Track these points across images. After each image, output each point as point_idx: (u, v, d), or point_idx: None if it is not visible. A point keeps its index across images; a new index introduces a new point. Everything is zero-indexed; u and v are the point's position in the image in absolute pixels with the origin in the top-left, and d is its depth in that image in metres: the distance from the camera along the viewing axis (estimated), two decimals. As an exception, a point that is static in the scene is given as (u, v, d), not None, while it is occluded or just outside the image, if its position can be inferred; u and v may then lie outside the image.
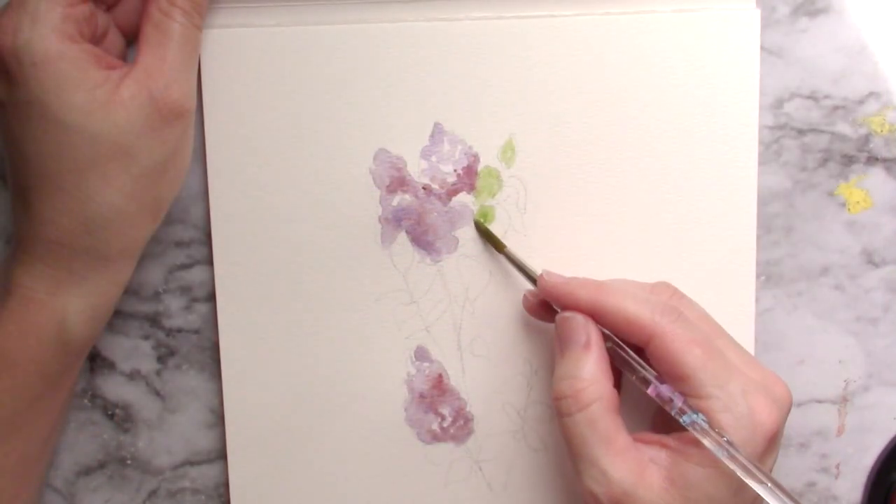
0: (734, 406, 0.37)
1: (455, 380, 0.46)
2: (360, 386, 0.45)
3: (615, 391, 0.39)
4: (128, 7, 0.41)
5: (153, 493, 0.47)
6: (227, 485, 0.46)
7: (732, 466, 0.36)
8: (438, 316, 0.45)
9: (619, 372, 0.41)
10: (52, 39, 0.36)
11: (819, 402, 0.47)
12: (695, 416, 0.37)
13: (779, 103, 0.45)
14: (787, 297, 0.46)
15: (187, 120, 0.39)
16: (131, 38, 0.41)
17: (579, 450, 0.39)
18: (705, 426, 0.37)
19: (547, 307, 0.42)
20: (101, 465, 0.47)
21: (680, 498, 0.37)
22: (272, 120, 0.44)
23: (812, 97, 0.45)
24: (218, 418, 0.46)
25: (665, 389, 0.38)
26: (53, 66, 0.36)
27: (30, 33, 0.36)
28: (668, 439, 0.39)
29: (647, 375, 0.39)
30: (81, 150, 0.37)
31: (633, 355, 0.40)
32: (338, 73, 0.43)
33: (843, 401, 0.47)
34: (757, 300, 0.45)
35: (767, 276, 0.46)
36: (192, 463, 0.47)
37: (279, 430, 0.45)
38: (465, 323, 0.45)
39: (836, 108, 0.45)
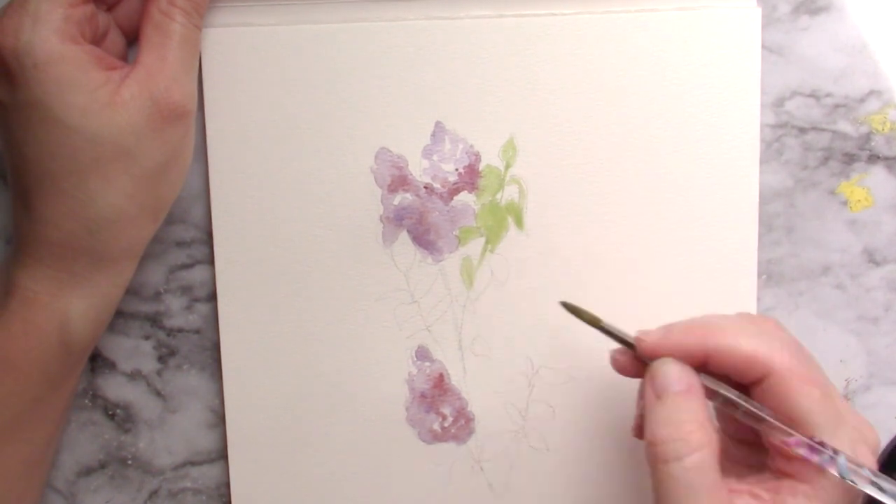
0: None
1: (456, 379, 0.45)
2: (361, 385, 0.45)
3: (718, 437, 0.37)
4: (129, 7, 0.40)
5: (154, 494, 0.47)
6: (228, 485, 0.46)
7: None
8: (439, 315, 0.45)
9: None
10: (54, 40, 0.36)
11: (820, 400, 0.47)
12: (860, 468, 0.35)
13: (780, 102, 0.45)
14: (789, 297, 0.46)
15: (188, 121, 0.39)
16: (132, 39, 0.41)
17: (683, 500, 0.35)
18: (869, 475, 0.35)
19: (641, 364, 0.39)
20: (102, 466, 0.46)
21: None
22: (273, 119, 0.44)
23: (813, 95, 0.45)
24: (219, 418, 0.46)
25: (828, 451, 0.35)
26: (54, 68, 0.36)
27: (31, 34, 0.36)
28: (758, 489, 0.37)
29: (803, 438, 0.36)
30: (82, 151, 0.37)
31: (764, 408, 0.37)
32: (338, 72, 0.43)
33: (845, 400, 0.47)
34: (758, 299, 0.46)
35: (769, 275, 0.46)
36: (193, 463, 0.46)
37: (280, 429, 0.45)
38: (466, 322, 0.45)
39: (837, 106, 0.45)
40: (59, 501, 0.47)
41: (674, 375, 0.37)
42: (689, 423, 0.36)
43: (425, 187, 0.44)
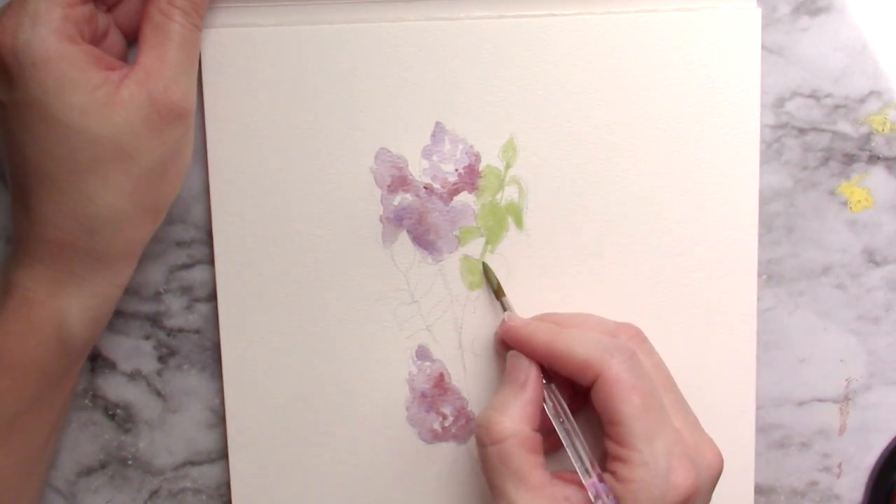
0: (653, 463, 0.37)
1: (456, 379, 0.45)
2: (361, 385, 0.45)
3: (537, 434, 0.40)
4: (128, 8, 0.40)
5: (154, 494, 0.47)
6: (228, 485, 0.46)
7: None
8: (439, 315, 0.45)
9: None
10: (52, 40, 0.36)
11: (821, 401, 0.47)
12: None
13: (780, 102, 0.45)
14: (789, 297, 0.46)
15: (187, 121, 0.39)
16: (132, 39, 0.41)
17: (492, 481, 0.39)
18: None
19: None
20: (103, 466, 0.47)
21: None
22: (273, 119, 0.44)
23: (813, 96, 0.45)
24: (219, 418, 0.46)
25: (602, 489, 0.38)
26: (53, 67, 0.36)
27: (30, 34, 0.36)
28: None
29: (588, 468, 0.39)
30: (81, 151, 0.37)
31: (582, 442, 0.40)
32: (338, 73, 0.43)
33: (845, 400, 0.47)
34: (758, 299, 0.45)
35: (769, 275, 0.46)
36: (193, 463, 0.46)
37: (280, 429, 0.45)
38: (466, 322, 0.45)
39: (837, 106, 0.45)
40: (59, 501, 0.47)
41: (516, 368, 0.41)
42: (504, 413, 0.39)
43: (425, 188, 0.44)
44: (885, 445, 0.47)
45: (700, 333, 0.45)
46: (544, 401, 0.41)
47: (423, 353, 0.45)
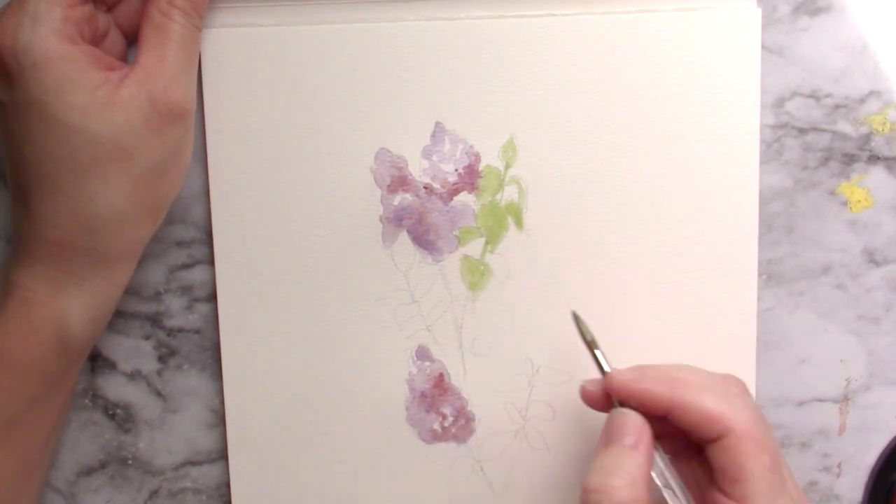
0: None
1: (456, 379, 0.46)
2: (361, 385, 0.45)
3: (651, 499, 0.37)
4: (128, 8, 0.41)
5: (154, 494, 0.47)
6: (228, 485, 0.46)
7: None
8: (439, 315, 0.45)
9: None
10: (52, 41, 0.36)
11: (820, 401, 0.47)
12: None
13: (780, 102, 0.45)
14: (789, 296, 0.46)
15: (187, 120, 0.39)
16: (132, 39, 0.41)
17: None
18: None
19: (610, 399, 0.40)
20: (103, 466, 0.47)
21: None
22: (273, 119, 0.44)
23: (813, 96, 0.45)
24: (219, 418, 0.46)
25: None
26: (53, 68, 0.36)
27: (30, 34, 0.36)
28: None
29: None
30: (81, 151, 0.37)
31: (686, 493, 0.39)
32: (338, 73, 0.43)
33: (845, 400, 0.47)
34: (758, 299, 0.45)
35: (769, 275, 0.46)
36: (193, 463, 0.47)
37: (280, 429, 0.45)
38: (466, 322, 0.45)
39: (837, 106, 0.45)
40: (59, 501, 0.47)
41: (627, 427, 0.38)
42: (621, 478, 0.37)
43: (425, 188, 0.44)
44: (885, 445, 0.47)
45: (700, 333, 0.45)
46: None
47: (423, 353, 0.45)
